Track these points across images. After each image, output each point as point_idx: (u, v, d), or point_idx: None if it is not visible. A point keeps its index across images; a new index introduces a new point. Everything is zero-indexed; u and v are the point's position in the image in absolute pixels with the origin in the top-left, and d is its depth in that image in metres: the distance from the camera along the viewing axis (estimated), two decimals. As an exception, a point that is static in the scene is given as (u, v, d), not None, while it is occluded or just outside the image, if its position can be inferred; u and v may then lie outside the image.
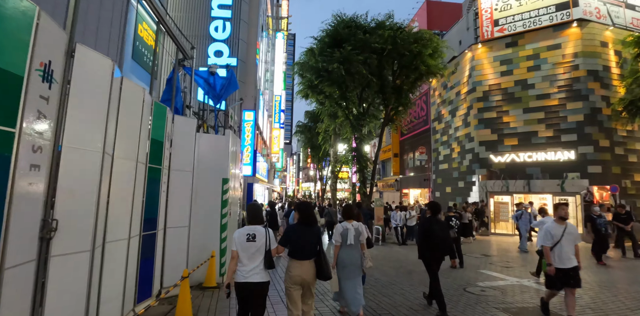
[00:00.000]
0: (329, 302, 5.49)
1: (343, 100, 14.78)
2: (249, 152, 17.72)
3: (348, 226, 4.52)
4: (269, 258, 3.30)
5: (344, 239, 4.46)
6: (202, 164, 6.26)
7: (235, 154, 7.25)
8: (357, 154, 15.02)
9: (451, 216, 8.51)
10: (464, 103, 18.13)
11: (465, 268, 8.33)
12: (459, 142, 18.51)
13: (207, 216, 6.20)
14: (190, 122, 5.87)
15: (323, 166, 35.24)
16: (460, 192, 18.16)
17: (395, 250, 11.28)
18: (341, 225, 4.55)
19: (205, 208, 6.20)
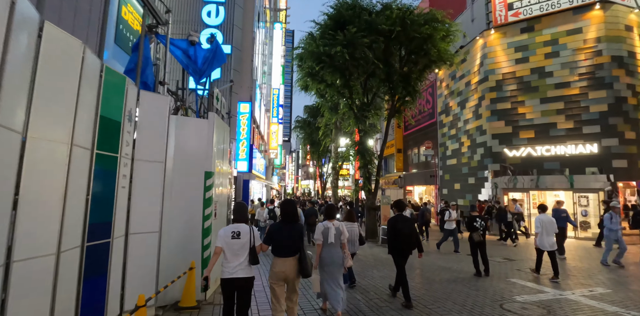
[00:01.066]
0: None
1: (346, 89, 13.57)
2: (244, 147, 16.53)
3: (329, 225, 4.58)
4: (254, 255, 3.39)
5: (325, 238, 4.51)
6: (180, 154, 5.08)
7: (221, 143, 6.07)
8: (361, 149, 13.83)
9: (475, 216, 7.34)
10: (474, 94, 16.94)
11: (492, 276, 7.18)
12: (469, 135, 17.34)
13: (185, 219, 5.03)
14: (162, 101, 4.67)
15: (323, 162, 34.06)
16: (470, 189, 17.01)
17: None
18: (322, 224, 4.62)
19: (182, 208, 5.03)
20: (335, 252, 4.54)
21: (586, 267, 8.22)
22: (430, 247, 11.38)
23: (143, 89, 4.64)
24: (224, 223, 6.60)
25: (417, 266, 8.23)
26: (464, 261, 8.83)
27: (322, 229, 4.56)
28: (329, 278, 4.50)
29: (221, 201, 6.29)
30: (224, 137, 6.34)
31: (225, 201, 6.70)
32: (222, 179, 6.36)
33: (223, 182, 6.43)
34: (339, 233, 4.57)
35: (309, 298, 5.56)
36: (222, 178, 6.26)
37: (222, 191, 6.33)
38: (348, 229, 5.38)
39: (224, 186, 6.50)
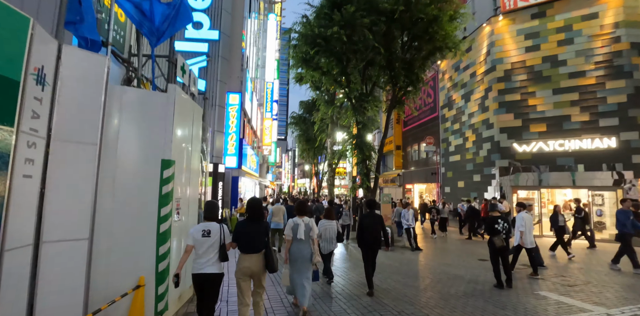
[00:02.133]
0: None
1: (343, 77, 12.40)
2: (233, 141, 15.34)
3: (299, 221, 4.64)
4: (224, 252, 3.55)
5: (294, 233, 4.57)
6: (126, 136, 3.89)
7: (188, 126, 4.88)
8: (359, 142, 12.68)
9: (495, 217, 6.20)
10: (480, 85, 15.84)
11: (516, 288, 6.05)
12: (474, 130, 16.25)
13: (131, 221, 3.84)
14: (96, 61, 3.47)
15: (319, 160, 32.88)
16: (475, 186, 15.92)
17: (406, 257, 9.00)
18: (292, 220, 4.68)
19: (128, 207, 3.84)
20: (304, 248, 4.60)
21: (619, 274, 7.13)
22: (437, 250, 10.27)
23: (84, 47, 3.45)
24: (194, 225, 5.42)
25: (427, 274, 7.09)
26: (476, 268, 7.72)
27: (292, 225, 4.64)
28: (297, 273, 4.58)
29: (190, 198, 5.11)
30: (194, 119, 5.15)
31: (196, 199, 5.51)
32: (192, 173, 5.18)
33: (193, 176, 5.25)
34: (308, 229, 4.63)
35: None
36: (191, 171, 5.08)
37: (192, 187, 5.16)
38: (326, 227, 5.80)
39: (194, 181, 5.32)
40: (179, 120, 4.40)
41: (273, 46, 32.41)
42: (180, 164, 4.57)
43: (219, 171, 13.78)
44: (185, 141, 4.74)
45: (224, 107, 14.82)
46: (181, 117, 4.50)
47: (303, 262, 4.58)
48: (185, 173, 4.82)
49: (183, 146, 4.67)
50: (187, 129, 4.84)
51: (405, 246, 11.01)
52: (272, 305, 5.08)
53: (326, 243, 5.90)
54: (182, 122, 4.59)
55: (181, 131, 4.56)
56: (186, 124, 4.81)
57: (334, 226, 5.90)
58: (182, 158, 4.65)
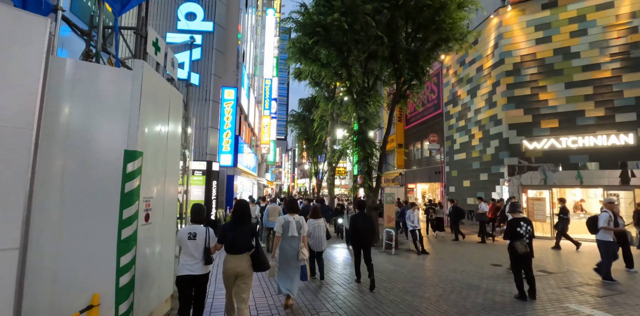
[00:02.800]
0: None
1: (344, 69, 11.68)
2: (229, 138, 14.63)
3: (289, 219, 4.77)
4: (207, 255, 3.58)
5: (285, 230, 4.70)
6: (78, 120, 3.18)
7: (162, 113, 4.17)
8: (361, 139, 11.96)
9: (517, 219, 5.48)
10: (487, 80, 15.12)
11: (540, 300, 5.33)
12: (480, 126, 15.52)
13: (84, 225, 3.13)
14: (31, 23, 2.75)
15: (319, 159, 32.14)
16: (482, 186, 15.20)
17: (412, 262, 8.27)
18: (283, 217, 4.79)
19: (80, 208, 3.12)
20: (293, 245, 4.74)
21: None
22: (445, 254, 9.54)
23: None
24: (172, 229, 4.71)
25: (438, 282, 6.36)
26: (491, 275, 7.00)
27: (283, 223, 4.74)
28: (288, 267, 4.72)
29: (167, 199, 4.39)
30: (171, 106, 4.43)
31: (174, 200, 4.80)
32: (169, 169, 4.46)
33: (171, 173, 4.53)
34: (299, 226, 4.78)
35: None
36: (167, 167, 4.37)
37: (169, 186, 4.44)
38: (315, 226, 5.97)
39: (172, 179, 4.60)
40: (149, 104, 3.68)
41: (272, 43, 31.76)
42: (152, 157, 3.85)
43: (213, 170, 13.07)
44: (158, 130, 4.02)
45: (218, 102, 14.11)
46: (152, 102, 3.78)
47: (293, 259, 4.72)
48: (158, 168, 4.10)
49: (155, 136, 3.95)
50: (161, 117, 4.13)
51: (411, 249, 10.30)
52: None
53: (316, 241, 6.05)
54: (154, 107, 3.87)
55: (153, 117, 3.84)
56: (160, 110, 4.10)
57: (322, 224, 6.11)
58: (154, 150, 3.94)
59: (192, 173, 12.84)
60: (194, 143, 13.29)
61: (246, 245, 3.77)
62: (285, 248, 4.73)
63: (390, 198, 11.14)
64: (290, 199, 5.29)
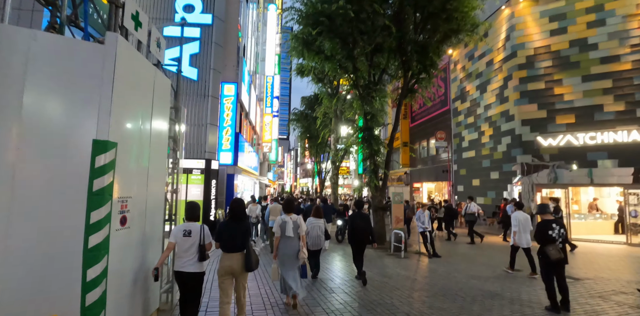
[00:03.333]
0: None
1: (349, 62, 11.08)
2: (229, 136, 14.07)
3: (287, 219, 4.74)
4: (202, 252, 3.55)
5: (282, 231, 4.68)
6: (35, 102, 2.61)
7: (144, 98, 3.60)
8: (367, 135, 11.36)
9: (549, 221, 4.86)
10: (498, 74, 14.48)
11: (575, 312, 4.73)
12: (491, 123, 14.89)
13: (41, 231, 2.56)
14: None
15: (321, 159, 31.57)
16: (493, 185, 14.56)
17: (425, 266, 7.67)
18: (280, 218, 4.78)
19: (36, 209, 2.56)
20: (292, 245, 4.70)
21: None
22: (458, 257, 8.93)
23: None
24: (157, 234, 4.15)
25: (456, 291, 5.76)
26: (512, 282, 6.39)
27: (280, 223, 4.72)
28: (286, 268, 4.69)
29: (150, 199, 3.82)
30: (155, 92, 3.86)
31: (160, 201, 4.23)
32: (153, 165, 3.90)
33: (155, 170, 3.97)
34: (296, 226, 4.73)
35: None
36: (150, 162, 3.80)
37: (153, 185, 3.87)
38: (314, 225, 5.82)
39: (157, 176, 4.04)
40: (126, 88, 3.11)
41: (273, 40, 31.16)
42: (131, 150, 3.28)
43: (212, 168, 12.52)
44: (138, 119, 3.45)
45: (218, 98, 13.55)
46: (130, 85, 3.21)
47: (291, 258, 4.69)
48: (140, 163, 3.53)
49: (135, 126, 3.38)
50: (143, 104, 3.56)
51: (420, 252, 9.70)
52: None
53: (314, 241, 5.92)
54: (133, 92, 3.30)
55: (131, 104, 3.28)
56: (141, 96, 3.53)
57: (322, 224, 6.04)
58: (134, 142, 3.37)
59: (190, 172, 12.31)
60: (192, 140, 12.74)
61: (242, 244, 3.78)
62: (282, 248, 4.72)
63: (399, 197, 10.55)
64: (287, 199, 5.34)
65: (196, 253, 3.53)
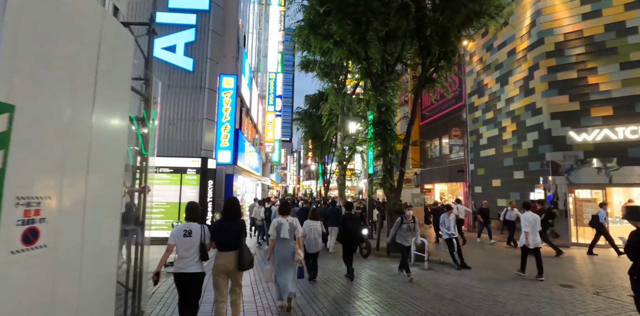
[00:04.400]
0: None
1: (361, 46, 9.87)
2: (227, 132, 12.90)
3: (282, 221, 4.75)
4: (204, 251, 3.58)
5: (278, 233, 4.69)
6: None
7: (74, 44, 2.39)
8: (381, 130, 10.15)
9: None
10: (522, 64, 13.22)
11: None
12: (514, 118, 13.62)
13: None
14: None
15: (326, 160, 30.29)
16: (517, 185, 13.27)
17: (455, 281, 6.39)
18: (276, 220, 4.79)
19: None
20: (287, 246, 4.72)
21: None
22: (489, 268, 7.65)
23: None
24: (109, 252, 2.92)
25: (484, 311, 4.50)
26: (577, 305, 5.11)
27: (276, 225, 4.73)
28: (281, 271, 4.69)
29: (92, 204, 2.61)
30: (102, 49, 2.65)
31: (116, 206, 3.01)
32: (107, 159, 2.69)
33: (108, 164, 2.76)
34: (292, 228, 4.75)
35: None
36: (92, 146, 2.59)
37: (100, 180, 2.67)
38: (310, 228, 6.01)
39: (110, 174, 2.83)
40: (39, 31, 1.91)
41: (276, 37, 30.00)
42: (44, 125, 2.07)
43: (208, 167, 11.33)
44: (67, 83, 2.24)
45: (215, 91, 12.38)
46: (46, 28, 2.01)
47: (286, 260, 4.69)
48: (69, 147, 2.32)
49: (57, 89, 2.17)
50: (77, 62, 2.35)
51: (444, 262, 8.44)
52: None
53: (311, 243, 6.01)
54: (55, 40, 2.10)
55: (51, 56, 2.07)
56: (74, 50, 2.32)
57: (319, 226, 6.13)
58: (54, 113, 2.16)
59: (185, 171, 11.13)
60: (187, 136, 11.57)
61: (237, 242, 3.77)
62: (280, 250, 4.73)
63: (418, 199, 9.30)
64: (283, 201, 5.34)
65: (197, 253, 3.54)
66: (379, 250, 10.29)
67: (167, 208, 10.95)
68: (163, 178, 11.06)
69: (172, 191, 11.00)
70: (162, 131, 11.50)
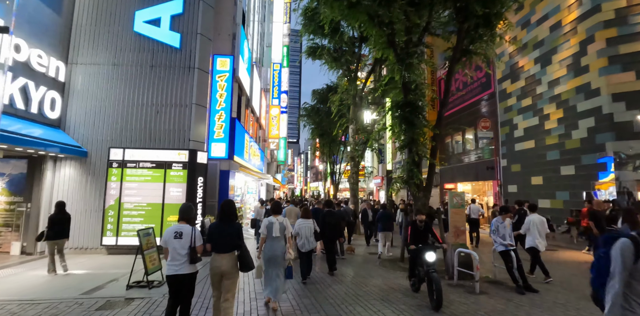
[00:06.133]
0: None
1: (383, 7, 7.89)
2: (222, 122, 11.06)
3: (273, 220, 4.86)
4: (193, 253, 3.54)
5: (269, 232, 4.79)
6: None
7: None
8: (408, 113, 8.18)
9: None
10: (571, 38, 11.14)
11: None
12: (560, 103, 11.52)
13: None
14: None
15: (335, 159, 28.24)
16: (566, 183, 11.15)
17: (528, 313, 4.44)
18: (267, 219, 4.90)
19: None
20: (278, 245, 4.81)
21: None
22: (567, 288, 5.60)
23: None
24: None
25: None
26: None
27: (267, 224, 4.83)
28: (271, 268, 4.80)
29: None
30: None
31: None
32: None
33: None
34: (282, 227, 4.86)
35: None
36: None
37: None
38: (303, 226, 6.18)
39: None
40: None
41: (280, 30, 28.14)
42: None
43: (198, 162, 9.45)
44: None
45: (207, 72, 10.52)
46: None
47: (276, 259, 4.78)
48: None
49: None
50: None
51: (495, 280, 6.41)
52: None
53: (304, 241, 6.11)
54: None
55: None
56: None
57: (311, 225, 6.25)
58: None
59: (170, 167, 9.27)
60: (171, 125, 9.71)
61: (231, 244, 3.76)
62: (270, 248, 4.80)
63: (458, 199, 7.28)
64: (275, 201, 5.42)
65: (187, 256, 3.52)
66: (403, 262, 8.32)
67: (148, 209, 9.08)
68: (143, 174, 9.21)
69: (154, 190, 9.14)
70: (141, 118, 9.68)
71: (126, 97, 9.73)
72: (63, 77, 9.57)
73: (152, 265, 5.88)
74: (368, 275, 7.03)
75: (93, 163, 9.48)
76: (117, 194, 9.06)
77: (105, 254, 9.08)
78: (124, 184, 9.13)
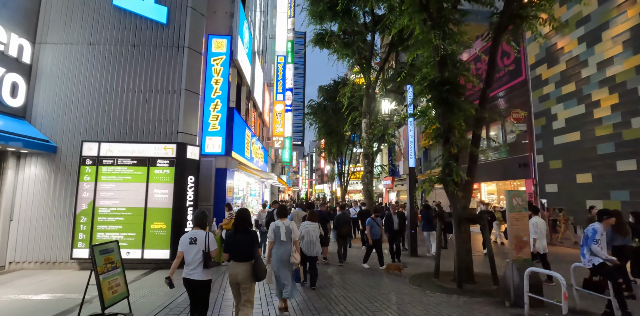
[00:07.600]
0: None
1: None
2: (218, 112, 9.51)
3: (279, 224, 4.90)
4: (207, 259, 3.57)
5: (276, 236, 4.85)
6: None
7: None
8: (445, 91, 6.55)
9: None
10: (627, 9, 9.45)
11: None
12: (614, 87, 9.81)
13: None
14: None
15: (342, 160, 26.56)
16: (624, 181, 9.40)
17: None
18: (274, 223, 4.92)
19: None
20: (285, 249, 4.84)
21: None
22: None
23: None
24: None
25: None
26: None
27: (274, 228, 4.88)
28: (279, 271, 4.82)
29: None
30: None
31: None
32: None
33: None
34: (289, 231, 4.87)
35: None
36: None
37: None
38: (308, 229, 5.99)
39: None
40: None
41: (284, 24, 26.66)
42: None
43: (188, 158, 7.87)
44: None
45: (200, 53, 8.96)
46: None
47: (284, 262, 4.81)
48: None
49: None
50: None
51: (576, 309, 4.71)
52: None
53: (310, 245, 5.94)
54: None
55: None
56: None
57: (317, 228, 6.07)
58: None
59: (154, 164, 7.69)
60: (155, 114, 8.15)
61: (247, 253, 3.77)
62: (278, 252, 4.83)
63: (519, 200, 5.59)
64: (281, 205, 5.54)
65: (201, 260, 3.55)
66: (439, 278, 6.67)
67: (127, 215, 7.50)
68: (122, 172, 7.66)
69: (135, 192, 7.57)
70: (121, 107, 8.13)
71: (103, 82, 8.20)
72: (29, 59, 8.07)
73: (112, 292, 4.27)
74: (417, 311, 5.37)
75: (63, 159, 7.92)
76: (90, 197, 7.51)
77: (76, 269, 7.51)
78: (99, 184, 7.57)
